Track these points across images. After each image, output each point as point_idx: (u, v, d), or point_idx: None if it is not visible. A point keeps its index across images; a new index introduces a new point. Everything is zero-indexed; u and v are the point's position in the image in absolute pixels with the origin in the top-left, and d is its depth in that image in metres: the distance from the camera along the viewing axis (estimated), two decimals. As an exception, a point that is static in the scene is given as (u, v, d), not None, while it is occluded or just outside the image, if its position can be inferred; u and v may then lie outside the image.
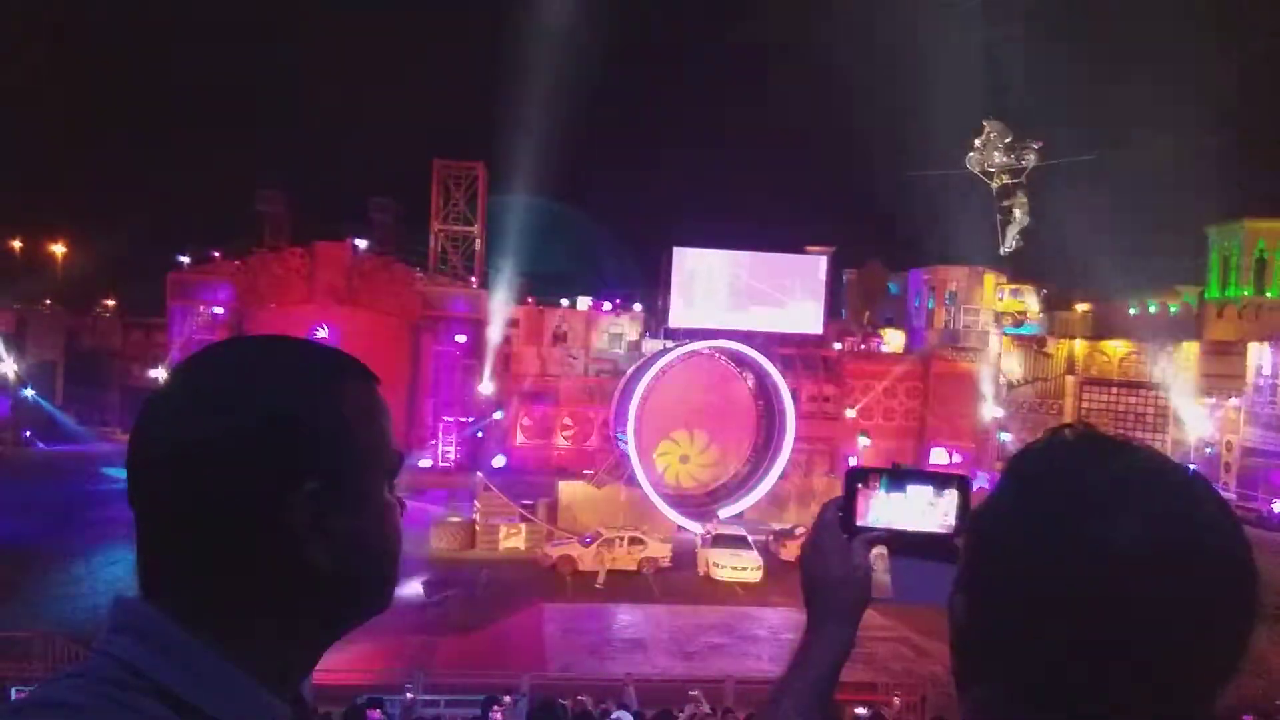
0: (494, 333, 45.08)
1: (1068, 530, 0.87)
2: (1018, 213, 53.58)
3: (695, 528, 33.39)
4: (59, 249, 58.02)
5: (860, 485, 1.30)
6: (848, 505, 1.29)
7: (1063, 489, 0.90)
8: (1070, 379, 49.79)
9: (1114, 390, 48.60)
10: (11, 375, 46.10)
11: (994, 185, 51.15)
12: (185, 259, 47.43)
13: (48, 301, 53.44)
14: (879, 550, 1.28)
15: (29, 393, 45.16)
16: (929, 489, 1.30)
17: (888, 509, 1.29)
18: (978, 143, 49.13)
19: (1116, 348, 50.07)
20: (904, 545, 1.28)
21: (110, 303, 55.71)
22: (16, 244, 57.49)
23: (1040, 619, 0.87)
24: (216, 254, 47.35)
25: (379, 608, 1.05)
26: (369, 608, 1.04)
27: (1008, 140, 48.48)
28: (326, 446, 0.97)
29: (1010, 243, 52.88)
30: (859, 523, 1.29)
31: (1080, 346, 51.09)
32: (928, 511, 1.29)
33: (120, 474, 1.17)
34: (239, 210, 50.05)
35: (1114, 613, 0.84)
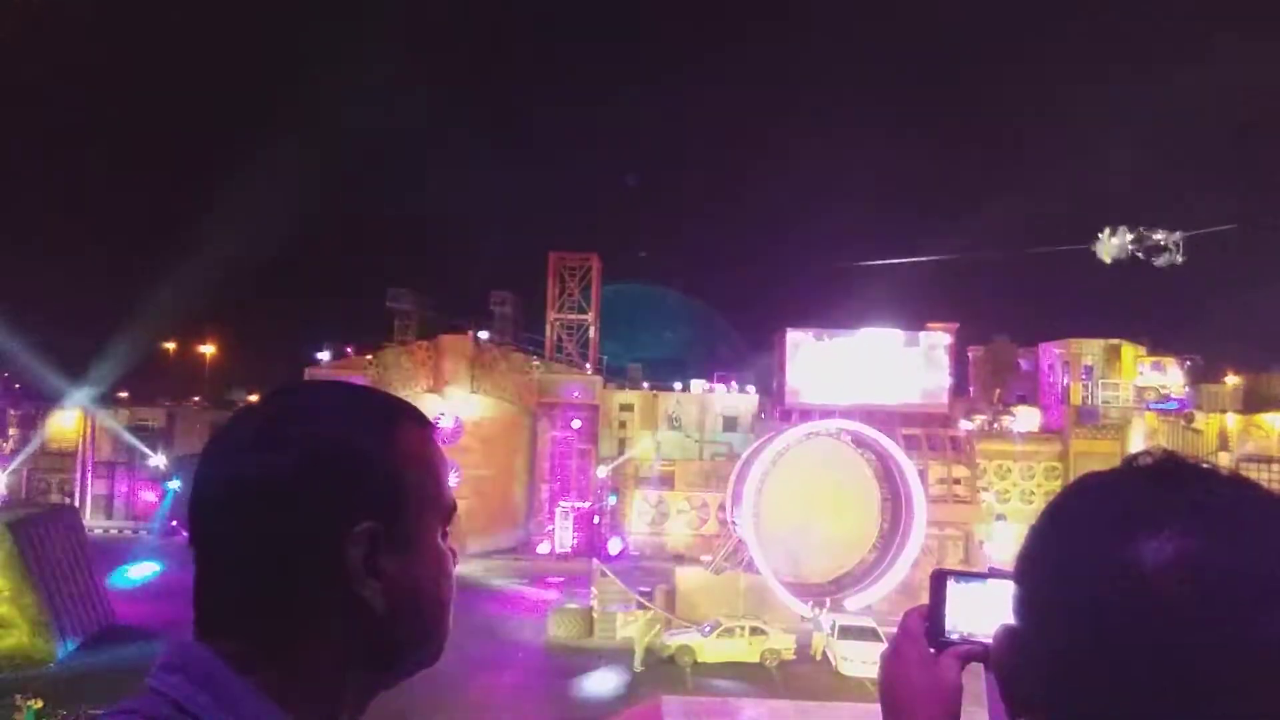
0: (609, 418, 45.32)
1: (1090, 553, 0.82)
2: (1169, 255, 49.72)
3: (805, 611, 32.28)
4: (208, 349, 62.36)
5: (950, 590, 1.15)
6: (935, 613, 1.14)
7: (1093, 513, 0.85)
8: (1225, 455, 46.01)
9: (1276, 467, 44.62)
10: (161, 467, 49.18)
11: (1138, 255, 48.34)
12: (323, 355, 50.08)
13: (196, 399, 57.20)
14: (971, 666, 1.11)
15: (174, 484, 47.97)
16: None
17: (984, 618, 1.10)
18: (1100, 238, 46.73)
19: (1274, 422, 46.22)
20: None
21: (254, 398, 59.15)
22: (170, 346, 62.21)
23: (1069, 648, 0.82)
24: (349, 349, 49.87)
25: (431, 659, 1.03)
26: (420, 656, 1.03)
27: (1131, 241, 45.85)
28: (381, 488, 0.98)
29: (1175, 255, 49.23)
30: (948, 633, 1.13)
31: (1234, 421, 47.38)
32: None
33: None
34: (372, 307, 52.83)
35: (1144, 640, 0.78)
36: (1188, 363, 50.96)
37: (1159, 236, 43.42)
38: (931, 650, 1.12)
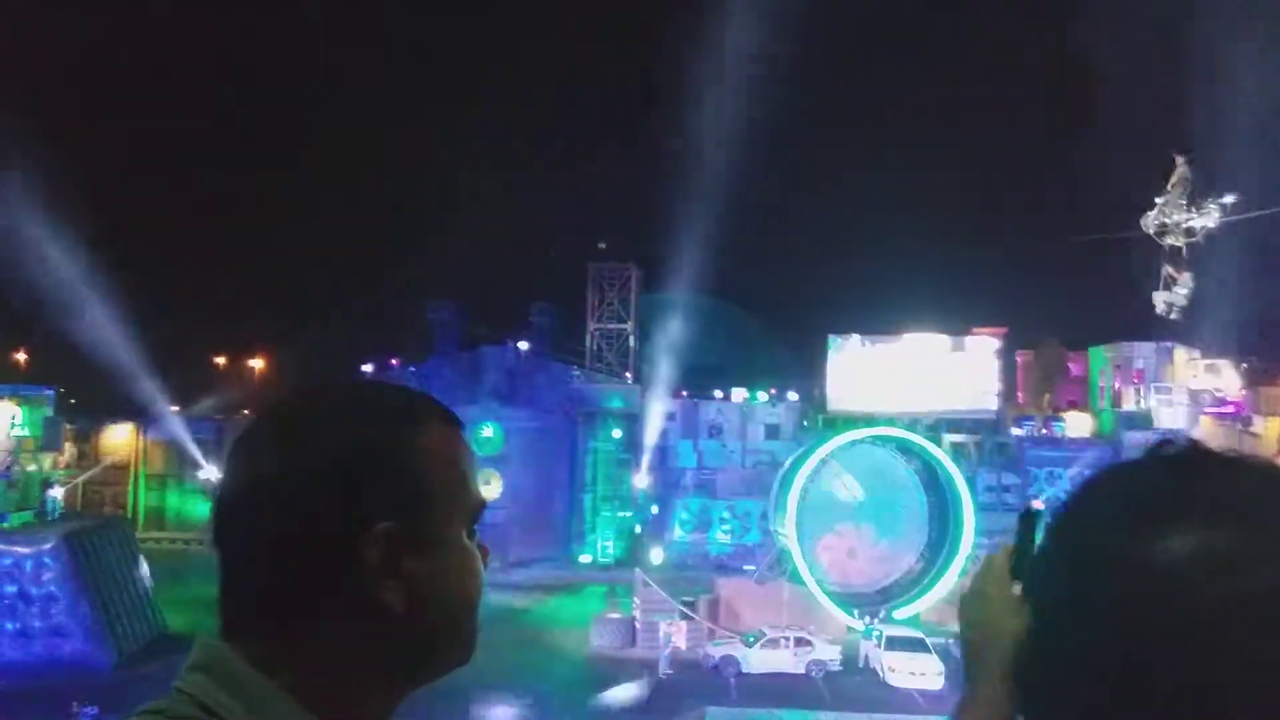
0: (649, 427, 45.23)
1: (1109, 548, 0.77)
2: (1181, 291, 48.76)
3: (852, 621, 31.93)
4: (257, 363, 63.49)
5: (1039, 529, 1.05)
6: (1021, 554, 1.06)
7: (1111, 506, 0.81)
8: (1287, 461, 44.61)
9: (1341, 473, 43.14)
10: (212, 479, 50.11)
11: (1165, 244, 47.04)
12: (367, 367, 50.72)
13: (245, 411, 58.23)
14: None
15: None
16: None
17: None
18: (1163, 195, 45.32)
19: (1338, 425, 44.67)
20: None
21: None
22: (220, 360, 63.48)
23: (1088, 649, 0.77)
24: (394, 361, 50.49)
25: (459, 660, 1.02)
26: (447, 658, 1.01)
27: (1191, 189, 44.44)
28: (401, 488, 0.96)
29: (1170, 313, 48.23)
30: None
31: (1295, 425, 45.87)
32: None
33: None
34: (414, 320, 53.46)
35: (1166, 638, 0.73)
36: (1244, 365, 49.54)
37: (1225, 201, 41.98)
38: (1015, 592, 1.03)
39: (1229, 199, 43.78)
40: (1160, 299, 45.93)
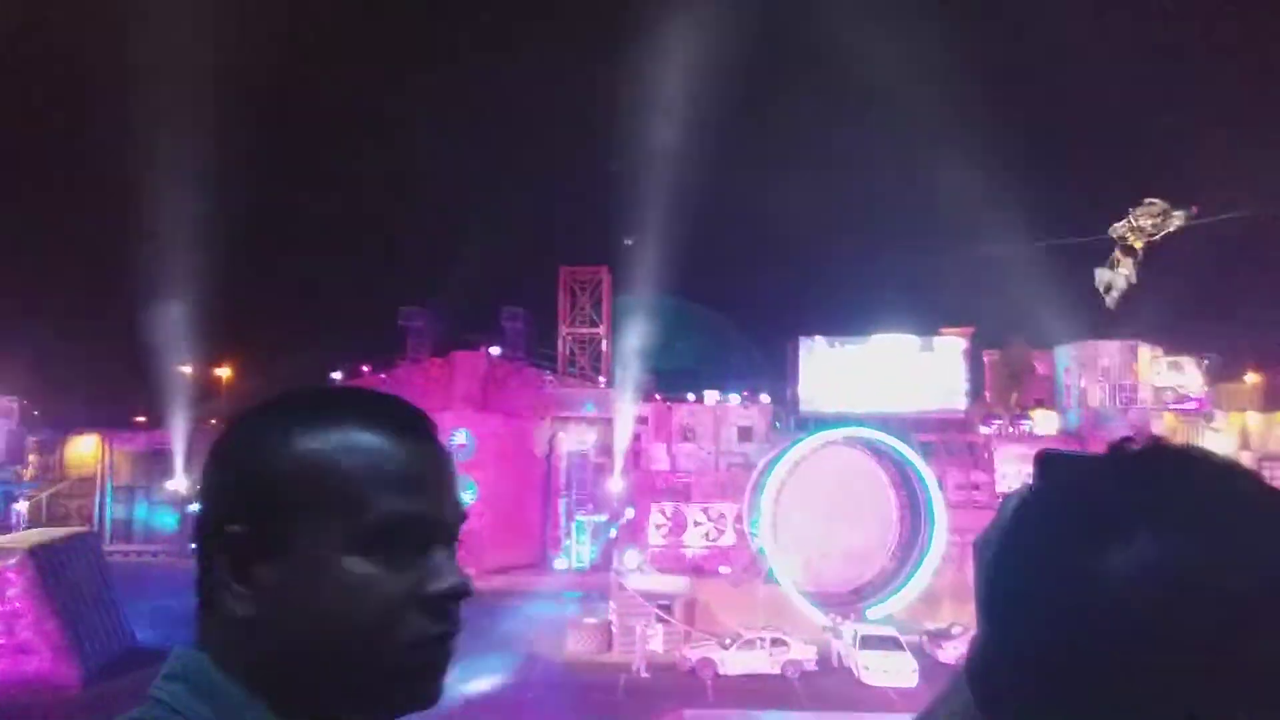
0: (623, 431, 45.27)
1: (1058, 561, 0.73)
2: (1122, 273, 49.49)
3: (825, 621, 32.28)
4: (225, 373, 62.69)
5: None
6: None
7: (1062, 513, 0.76)
8: (1246, 455, 45.56)
9: (1300, 466, 44.09)
10: (181, 491, 49.42)
11: (1122, 242, 47.95)
12: (336, 374, 50.27)
13: (214, 421, 57.47)
14: None
15: (195, 508, 48.16)
16: None
17: None
18: (1133, 213, 46.24)
19: (1298, 420, 45.77)
20: None
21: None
22: (187, 370, 62.56)
23: (1038, 662, 0.74)
24: (365, 369, 50.09)
25: (357, 696, 0.92)
26: (338, 687, 0.92)
27: (1163, 211, 45.44)
28: (257, 493, 0.93)
29: (1106, 292, 49.08)
30: None
31: (1254, 420, 46.94)
32: None
33: None
34: (385, 327, 53.14)
35: (1119, 657, 0.69)
36: (1205, 361, 50.52)
37: (1178, 214, 42.86)
38: None
39: (1195, 209, 44.66)
40: (1102, 277, 46.54)
